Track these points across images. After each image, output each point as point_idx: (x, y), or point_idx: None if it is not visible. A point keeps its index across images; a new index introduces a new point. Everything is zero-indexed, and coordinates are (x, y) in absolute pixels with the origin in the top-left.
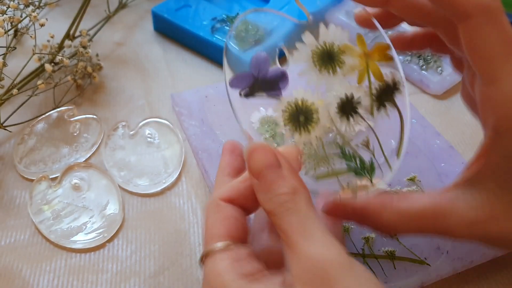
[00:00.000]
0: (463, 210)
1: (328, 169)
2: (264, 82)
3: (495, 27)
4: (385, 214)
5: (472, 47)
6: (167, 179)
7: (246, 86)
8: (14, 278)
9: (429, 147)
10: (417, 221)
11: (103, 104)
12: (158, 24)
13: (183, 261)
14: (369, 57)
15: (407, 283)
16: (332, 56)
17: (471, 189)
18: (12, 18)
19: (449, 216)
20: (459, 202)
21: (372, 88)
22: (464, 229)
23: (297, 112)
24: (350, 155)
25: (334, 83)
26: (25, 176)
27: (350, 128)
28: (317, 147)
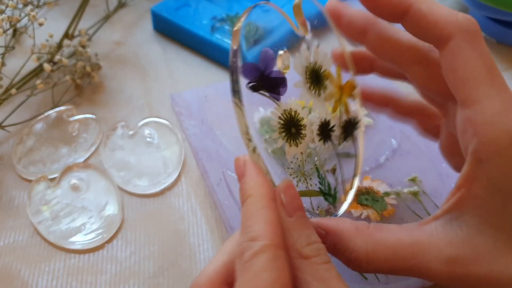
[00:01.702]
0: (442, 245)
1: (306, 187)
2: (268, 80)
3: (475, 49)
4: (358, 240)
5: (452, 70)
6: (166, 179)
7: (253, 79)
8: (13, 279)
9: (430, 147)
10: (391, 254)
11: (102, 104)
12: (158, 24)
13: (182, 262)
14: (342, 90)
15: (408, 284)
16: (319, 79)
17: (451, 223)
18: (11, 18)
19: (427, 251)
20: (438, 236)
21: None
22: (443, 267)
23: (290, 122)
24: (323, 178)
25: (317, 105)
26: (24, 176)
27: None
28: (301, 163)
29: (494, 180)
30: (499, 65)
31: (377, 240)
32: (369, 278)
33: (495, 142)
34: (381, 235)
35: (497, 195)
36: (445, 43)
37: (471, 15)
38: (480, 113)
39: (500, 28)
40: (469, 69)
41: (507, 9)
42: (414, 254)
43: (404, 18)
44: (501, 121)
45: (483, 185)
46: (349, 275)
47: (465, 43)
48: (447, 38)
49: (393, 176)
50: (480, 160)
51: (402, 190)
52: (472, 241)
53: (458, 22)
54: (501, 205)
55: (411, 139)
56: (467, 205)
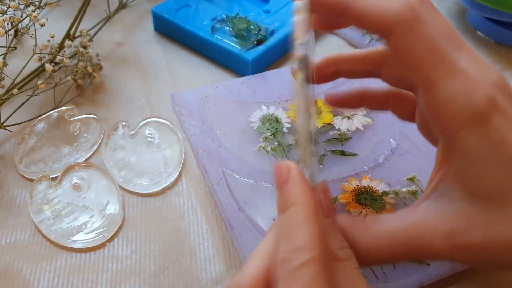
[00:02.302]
0: (437, 222)
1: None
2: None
3: (418, 36)
4: (356, 234)
5: (401, 60)
6: (167, 178)
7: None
8: (14, 278)
9: (429, 147)
10: (390, 242)
11: (103, 104)
12: (158, 24)
13: (183, 261)
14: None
15: (407, 283)
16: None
17: (441, 199)
18: (12, 18)
19: (424, 231)
20: (432, 215)
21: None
22: (442, 242)
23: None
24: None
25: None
26: (25, 175)
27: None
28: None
29: (467, 151)
30: (497, 65)
31: (373, 231)
32: (368, 277)
33: (458, 118)
34: (376, 225)
35: (474, 165)
36: (388, 37)
37: (469, 15)
38: (439, 95)
39: (498, 28)
40: (416, 57)
41: (505, 9)
42: (412, 236)
43: (345, 17)
44: (459, 96)
45: (459, 159)
46: None
47: (405, 33)
48: (388, 32)
49: (392, 176)
50: (449, 136)
51: (401, 190)
52: (464, 213)
53: (393, 14)
54: (480, 173)
55: (410, 138)
56: (450, 181)
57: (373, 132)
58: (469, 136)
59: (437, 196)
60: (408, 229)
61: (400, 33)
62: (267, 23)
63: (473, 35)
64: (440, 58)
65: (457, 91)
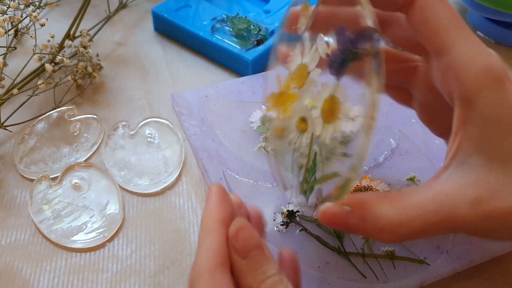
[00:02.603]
0: (463, 189)
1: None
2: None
3: (441, 1)
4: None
5: (423, 23)
6: (167, 178)
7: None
8: (14, 278)
9: (429, 146)
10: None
11: (103, 104)
12: (158, 24)
13: (183, 260)
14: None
15: (407, 283)
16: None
17: (461, 167)
18: (12, 18)
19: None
20: (455, 182)
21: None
22: (470, 209)
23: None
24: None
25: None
26: (25, 175)
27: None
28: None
29: (485, 115)
30: None
31: (403, 202)
32: (368, 277)
33: (477, 80)
34: (404, 196)
35: (491, 129)
36: (412, 3)
37: (469, 15)
38: (457, 57)
39: (498, 28)
40: (439, 20)
41: (505, 9)
42: (441, 204)
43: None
44: (478, 59)
45: (476, 123)
46: (348, 274)
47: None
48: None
49: (392, 176)
50: (467, 100)
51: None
52: (485, 179)
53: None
54: (498, 136)
55: (410, 138)
56: (468, 147)
57: None
58: (488, 98)
59: (457, 165)
60: (435, 198)
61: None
62: (267, 23)
63: None
64: (459, 23)
65: (477, 54)
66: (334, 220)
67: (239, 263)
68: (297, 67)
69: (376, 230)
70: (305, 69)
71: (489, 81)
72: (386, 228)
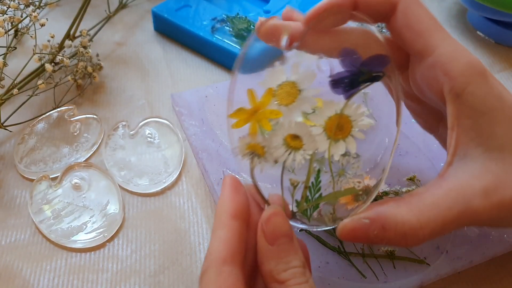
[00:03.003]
0: (471, 182)
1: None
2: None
3: (421, 6)
4: (403, 212)
5: (406, 26)
6: (167, 178)
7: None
8: (14, 278)
9: (429, 146)
10: (436, 209)
11: (103, 104)
12: (159, 24)
13: (183, 260)
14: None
15: (407, 283)
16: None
17: (464, 161)
18: (12, 18)
19: (463, 192)
20: (462, 176)
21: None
22: (483, 200)
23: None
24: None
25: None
26: (25, 175)
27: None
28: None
29: (475, 107)
30: (497, 65)
31: (418, 203)
32: (368, 277)
33: (464, 74)
34: (418, 198)
35: (483, 119)
36: (395, 7)
37: (469, 15)
38: (443, 55)
39: (498, 28)
40: (421, 23)
41: (505, 9)
42: (454, 200)
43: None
44: (461, 56)
45: (469, 116)
46: (348, 274)
47: (411, 3)
48: (394, 2)
49: (392, 176)
50: (457, 94)
51: (401, 190)
52: (489, 169)
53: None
54: (490, 124)
55: (410, 138)
56: (465, 140)
57: (375, 133)
58: (476, 89)
59: (459, 159)
60: (447, 195)
61: (406, 4)
62: None
63: (473, 35)
64: (438, 26)
65: (459, 51)
66: (355, 234)
67: (264, 248)
68: (281, 84)
69: (399, 237)
70: (293, 87)
71: (474, 75)
72: (409, 232)
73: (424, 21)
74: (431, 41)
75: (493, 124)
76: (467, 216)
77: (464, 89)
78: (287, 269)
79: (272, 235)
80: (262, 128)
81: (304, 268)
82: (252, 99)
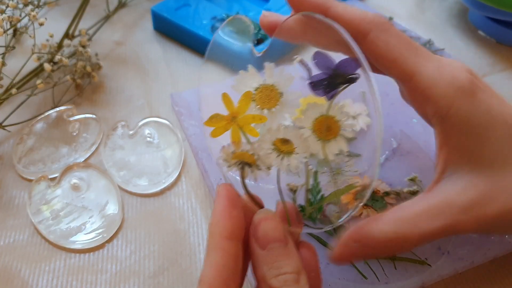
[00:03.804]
0: (454, 199)
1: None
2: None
3: (391, 35)
4: (380, 226)
5: (379, 56)
6: (166, 179)
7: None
8: (13, 278)
9: (430, 147)
10: (417, 221)
11: (102, 103)
12: (158, 24)
13: (182, 261)
14: None
15: (408, 284)
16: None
17: (450, 179)
18: (11, 18)
19: (445, 208)
20: (446, 193)
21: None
22: (466, 216)
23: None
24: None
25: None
26: (24, 176)
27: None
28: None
29: (461, 126)
30: (498, 64)
31: (396, 218)
32: (369, 278)
33: (446, 96)
34: (397, 213)
35: (470, 137)
36: (365, 37)
37: (471, 15)
38: (421, 81)
39: (499, 28)
40: (393, 51)
41: (507, 9)
42: (435, 214)
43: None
44: (442, 77)
45: (455, 136)
46: (349, 275)
47: (381, 32)
48: (365, 32)
49: (393, 176)
50: (441, 117)
51: (402, 190)
52: (474, 185)
53: (370, 18)
54: (478, 143)
55: (411, 138)
56: (453, 158)
57: (375, 132)
58: (460, 110)
59: (447, 178)
60: (429, 210)
61: (375, 34)
62: None
63: (474, 35)
64: (413, 48)
65: (440, 72)
66: (344, 258)
67: (257, 252)
68: (259, 87)
69: (380, 250)
70: (273, 90)
71: (458, 94)
72: (388, 244)
73: (395, 47)
74: (407, 67)
75: (481, 141)
76: (450, 229)
77: (448, 111)
78: (278, 274)
79: (263, 239)
80: (246, 135)
81: (299, 275)
82: (228, 104)
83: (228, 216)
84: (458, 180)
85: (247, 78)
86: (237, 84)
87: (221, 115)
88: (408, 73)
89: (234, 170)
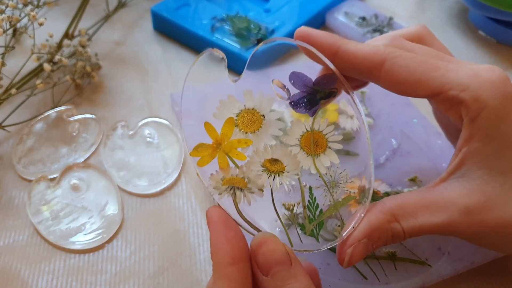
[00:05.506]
0: (455, 199)
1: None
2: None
3: (405, 58)
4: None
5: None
6: (166, 179)
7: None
8: (12, 279)
9: (430, 147)
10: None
11: (102, 104)
12: (158, 23)
13: (182, 262)
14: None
15: (408, 284)
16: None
17: (458, 180)
18: (11, 18)
19: (443, 206)
20: (449, 193)
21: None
22: (463, 218)
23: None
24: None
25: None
26: (23, 176)
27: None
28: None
29: (487, 130)
30: (499, 65)
31: (395, 205)
32: (369, 278)
33: (478, 100)
34: (398, 200)
35: (494, 143)
36: (380, 68)
37: (471, 15)
38: (451, 89)
39: (500, 28)
40: (414, 73)
41: (507, 9)
42: (433, 213)
43: (336, 58)
44: (472, 83)
45: (479, 139)
46: (349, 276)
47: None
48: (379, 64)
49: (393, 176)
50: (472, 119)
51: (403, 190)
52: (481, 190)
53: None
54: (500, 150)
55: (412, 139)
56: (469, 161)
57: (374, 132)
58: (490, 115)
59: (455, 178)
60: (428, 207)
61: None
62: (267, 22)
63: (474, 35)
64: (436, 60)
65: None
66: (354, 259)
67: (261, 279)
68: (240, 113)
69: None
70: (255, 113)
71: (487, 100)
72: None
73: (417, 70)
74: (433, 83)
75: (503, 148)
76: (447, 227)
77: (478, 114)
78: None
79: (265, 265)
80: (234, 160)
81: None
82: (211, 133)
83: (225, 240)
84: (467, 183)
85: (227, 106)
86: (218, 112)
87: (206, 144)
88: (436, 88)
89: (226, 196)
